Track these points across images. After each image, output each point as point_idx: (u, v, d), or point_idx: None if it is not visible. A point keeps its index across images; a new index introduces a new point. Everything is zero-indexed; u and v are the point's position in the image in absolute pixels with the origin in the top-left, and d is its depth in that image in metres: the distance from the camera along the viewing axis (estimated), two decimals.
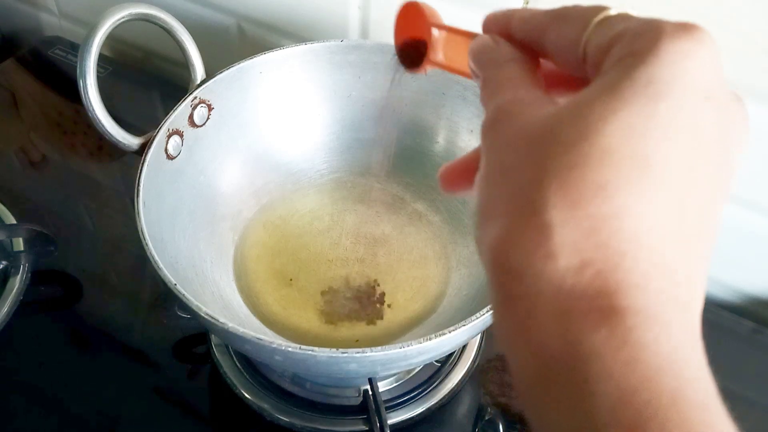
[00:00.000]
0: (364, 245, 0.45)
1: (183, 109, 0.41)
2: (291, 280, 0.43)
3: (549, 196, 0.15)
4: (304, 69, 0.45)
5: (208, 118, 0.43)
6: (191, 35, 0.42)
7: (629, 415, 0.13)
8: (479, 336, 0.46)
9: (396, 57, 0.26)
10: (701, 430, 0.14)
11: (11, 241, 0.48)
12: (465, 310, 0.39)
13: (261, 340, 0.30)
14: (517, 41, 0.20)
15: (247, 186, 0.46)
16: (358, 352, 0.29)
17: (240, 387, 0.42)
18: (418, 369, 0.44)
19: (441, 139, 0.46)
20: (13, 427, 0.40)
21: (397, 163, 0.48)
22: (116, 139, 0.39)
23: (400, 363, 0.33)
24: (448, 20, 0.26)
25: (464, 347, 0.45)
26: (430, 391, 0.43)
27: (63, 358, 0.44)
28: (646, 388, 0.14)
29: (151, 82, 0.65)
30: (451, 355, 0.45)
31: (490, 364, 0.45)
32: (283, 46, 0.44)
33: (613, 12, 0.17)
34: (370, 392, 0.40)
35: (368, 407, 0.40)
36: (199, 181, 0.43)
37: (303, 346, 0.29)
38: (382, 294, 0.43)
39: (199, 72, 0.43)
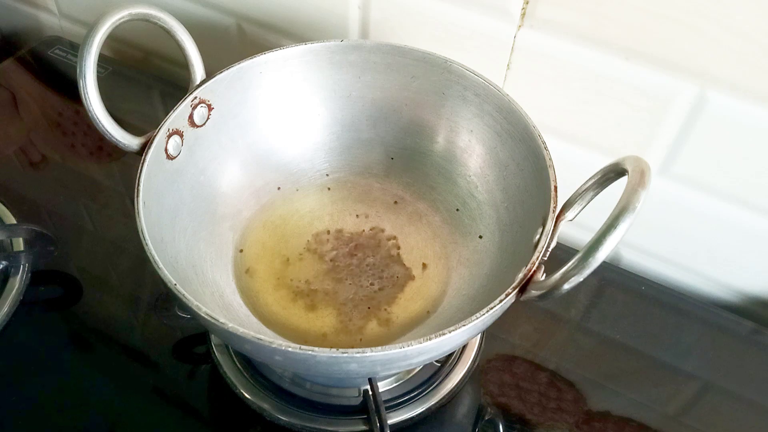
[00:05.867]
0: (364, 245, 0.45)
1: (183, 109, 0.41)
2: (291, 279, 0.43)
3: None
4: (304, 69, 0.45)
5: (208, 118, 0.43)
6: (191, 35, 0.42)
7: None
8: (479, 336, 0.46)
9: None
10: None
11: (11, 241, 0.48)
12: (465, 310, 0.39)
13: (261, 340, 0.30)
14: None
15: (247, 186, 0.46)
16: (358, 352, 0.29)
17: (240, 387, 0.42)
18: (418, 369, 0.44)
19: (441, 139, 0.46)
20: (13, 428, 0.40)
21: (397, 163, 0.48)
22: (116, 139, 0.39)
23: (400, 363, 0.33)
24: (446, 21, 0.26)
25: (464, 347, 0.45)
26: (430, 391, 0.43)
27: (63, 358, 0.44)
28: None
29: (151, 82, 0.65)
30: (451, 355, 0.45)
31: (490, 364, 0.45)
32: (283, 46, 0.44)
33: None
34: (370, 392, 0.40)
35: (368, 407, 0.40)
36: (199, 181, 0.43)
37: (303, 346, 0.29)
38: (382, 294, 0.43)
39: (199, 72, 0.43)
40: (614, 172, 0.32)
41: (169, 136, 0.40)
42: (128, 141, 0.39)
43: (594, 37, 0.42)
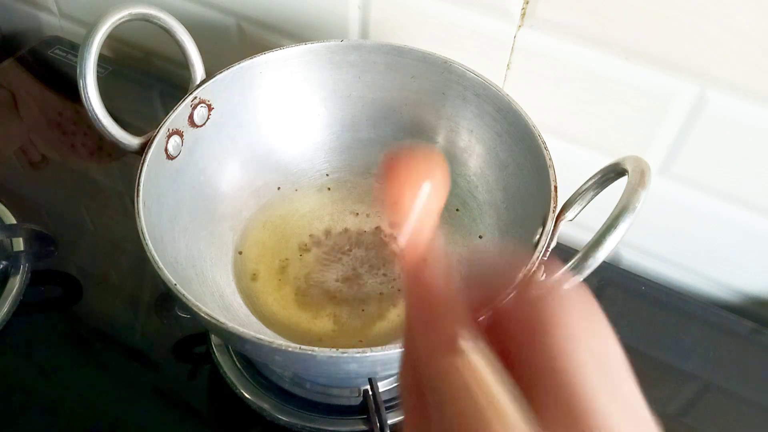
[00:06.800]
0: (364, 245, 0.45)
1: (183, 109, 0.41)
2: (291, 280, 0.43)
3: None
4: (304, 69, 0.45)
5: (208, 118, 0.43)
6: (191, 35, 0.42)
7: None
8: None
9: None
10: None
11: (11, 241, 0.48)
12: None
13: (261, 340, 0.30)
14: None
15: (247, 186, 0.46)
16: (358, 352, 0.29)
17: (240, 387, 0.42)
18: None
19: (441, 139, 0.46)
20: (13, 428, 0.40)
21: None
22: (116, 139, 0.39)
23: None
24: (446, 21, 0.26)
25: None
26: None
27: (63, 358, 0.44)
28: None
29: (151, 82, 0.65)
30: None
31: None
32: (283, 46, 0.44)
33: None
34: (370, 392, 0.40)
35: (368, 407, 0.40)
36: (199, 181, 0.43)
37: (303, 346, 0.29)
38: (382, 294, 0.43)
39: (199, 72, 0.43)
40: (614, 172, 0.32)
41: (169, 136, 0.40)
42: (128, 141, 0.39)
43: (594, 37, 0.42)
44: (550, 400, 0.15)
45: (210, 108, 0.43)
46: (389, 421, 0.40)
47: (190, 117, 0.41)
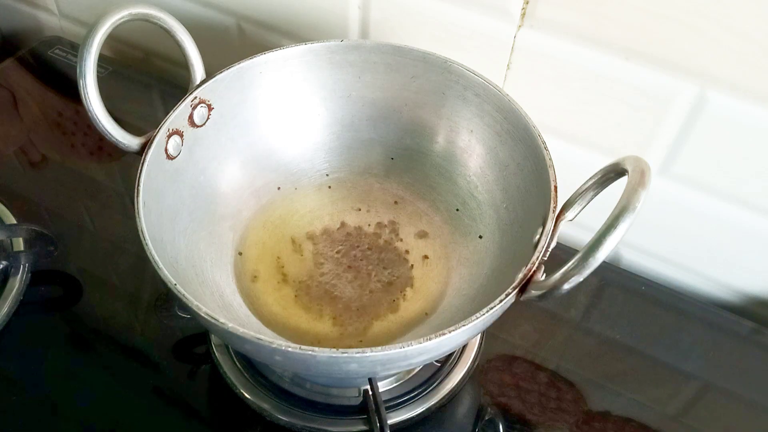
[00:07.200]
0: (364, 245, 0.45)
1: (183, 109, 0.41)
2: (291, 280, 0.43)
3: None
4: (304, 69, 0.45)
5: (208, 118, 0.43)
6: (191, 35, 0.42)
7: None
8: (479, 336, 0.46)
9: None
10: None
11: (11, 241, 0.48)
12: (465, 310, 0.39)
13: (261, 340, 0.30)
14: None
15: (247, 186, 0.46)
16: (358, 352, 0.29)
17: (240, 387, 0.42)
18: (418, 369, 0.44)
19: (441, 139, 0.46)
20: (13, 428, 0.40)
21: (397, 163, 0.48)
22: (116, 139, 0.39)
23: (400, 363, 0.33)
24: (446, 21, 0.26)
25: (464, 347, 0.45)
26: (430, 391, 0.43)
27: (63, 358, 0.44)
28: None
29: (151, 82, 0.65)
30: (451, 355, 0.45)
31: (490, 364, 0.45)
32: (283, 46, 0.44)
33: None
34: (370, 392, 0.40)
35: (368, 407, 0.40)
36: (199, 181, 0.43)
37: (303, 346, 0.29)
38: (383, 294, 0.43)
39: (199, 72, 0.43)
40: (614, 172, 0.32)
41: (169, 136, 0.40)
42: (128, 141, 0.39)
43: (594, 37, 0.42)
44: None
45: (210, 108, 0.43)
46: (389, 421, 0.40)
47: (190, 117, 0.41)
